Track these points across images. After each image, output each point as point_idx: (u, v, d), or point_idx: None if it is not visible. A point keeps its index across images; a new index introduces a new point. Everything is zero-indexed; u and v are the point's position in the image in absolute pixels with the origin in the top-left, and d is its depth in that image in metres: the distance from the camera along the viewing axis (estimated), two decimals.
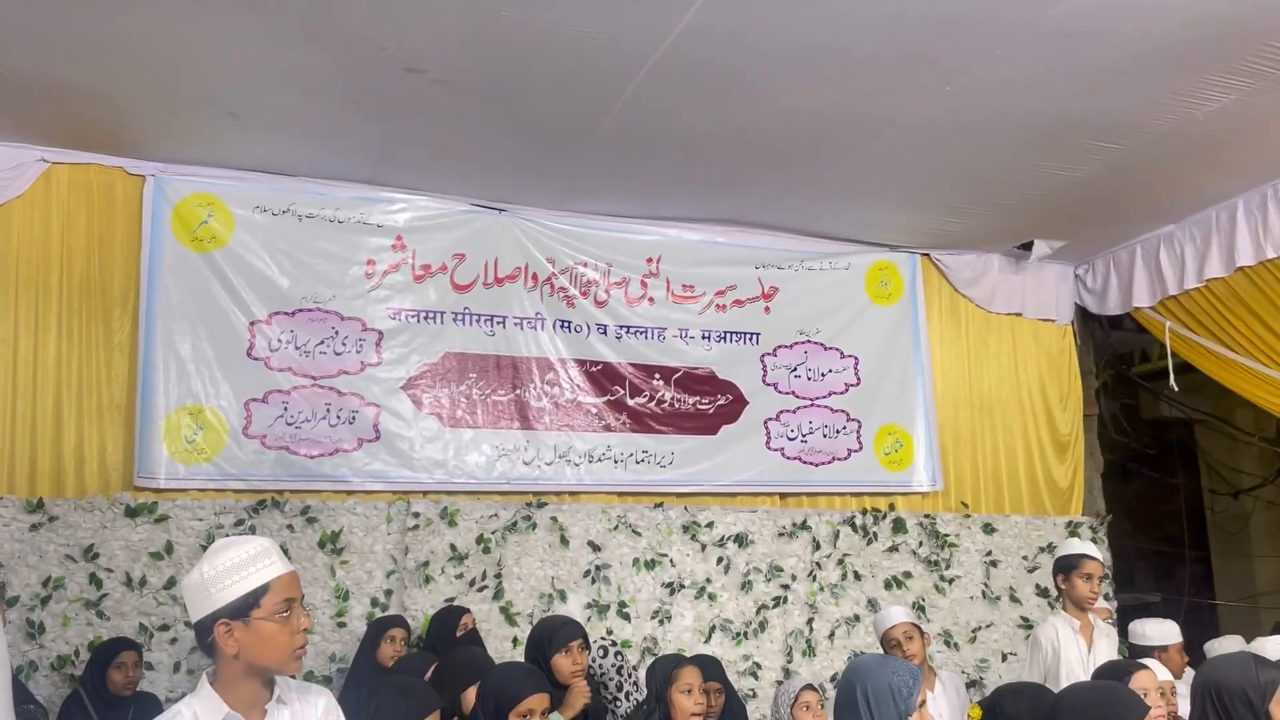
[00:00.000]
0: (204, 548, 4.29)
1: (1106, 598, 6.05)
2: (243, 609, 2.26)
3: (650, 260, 5.65)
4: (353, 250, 5.12)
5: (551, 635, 4.10)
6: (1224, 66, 4.05)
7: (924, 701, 2.80)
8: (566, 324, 5.48)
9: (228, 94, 4.22)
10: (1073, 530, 6.14)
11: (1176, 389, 5.98)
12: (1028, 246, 6.05)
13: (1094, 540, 6.17)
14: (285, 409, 4.89)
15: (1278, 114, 4.42)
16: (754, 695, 5.37)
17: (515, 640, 4.91)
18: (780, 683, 5.28)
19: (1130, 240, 6.01)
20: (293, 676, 2.50)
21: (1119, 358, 7.17)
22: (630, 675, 4.48)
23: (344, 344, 5.04)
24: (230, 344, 4.82)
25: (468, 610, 4.60)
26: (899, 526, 5.87)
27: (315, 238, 5.05)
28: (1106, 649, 4.13)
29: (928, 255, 6.23)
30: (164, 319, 4.70)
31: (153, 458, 4.60)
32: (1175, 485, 8.60)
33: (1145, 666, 3.55)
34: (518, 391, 5.33)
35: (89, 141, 4.61)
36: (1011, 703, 3.37)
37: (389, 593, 4.90)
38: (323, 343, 5.00)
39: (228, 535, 3.82)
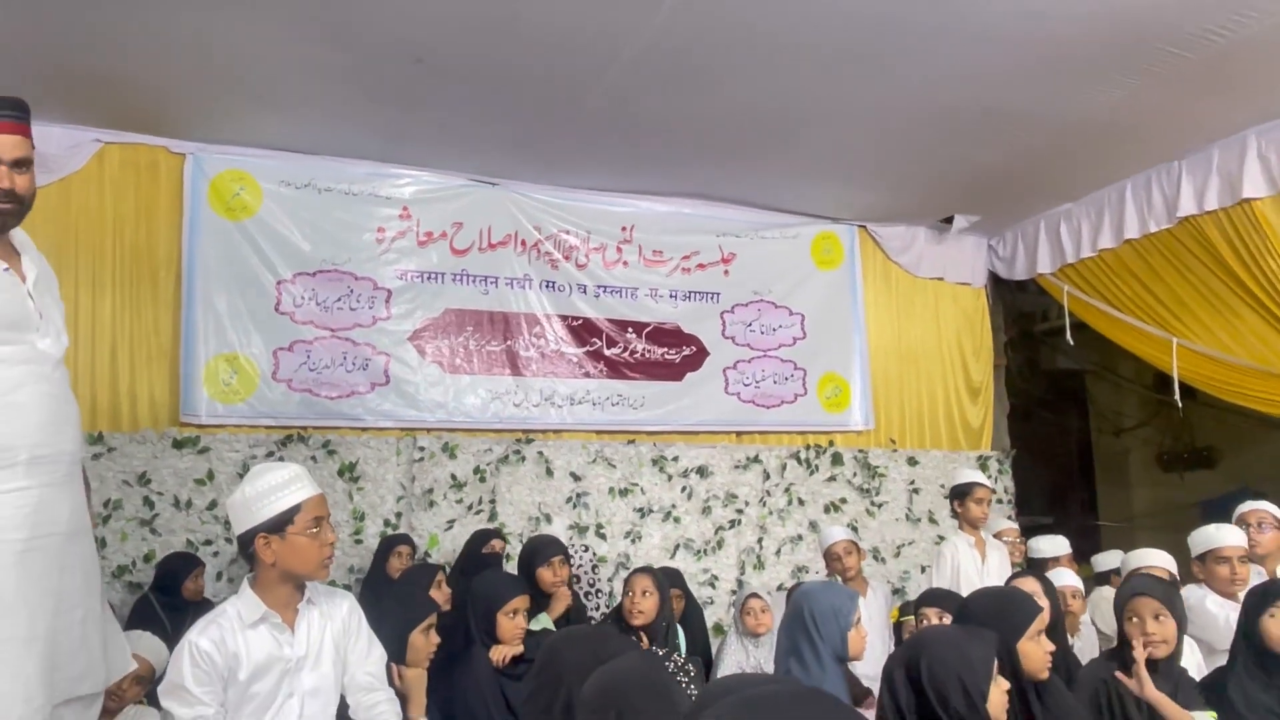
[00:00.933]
0: (240, 475, 4.35)
1: (1010, 518, 6.22)
2: (279, 524, 2.33)
3: (625, 229, 5.68)
4: (365, 219, 5.13)
5: (535, 552, 4.20)
6: (1117, 68, 4.15)
7: (859, 619, 2.91)
8: (551, 284, 5.51)
9: (257, 83, 4.23)
10: (982, 463, 6.29)
11: (1072, 343, 6.09)
12: (949, 220, 6.14)
13: (1000, 471, 6.36)
14: (308, 357, 4.93)
15: (1161, 109, 4.52)
16: (712, 602, 5.51)
17: (507, 556, 4.98)
18: (734, 592, 5.43)
19: (1036, 215, 6.10)
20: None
21: (1024, 317, 7.29)
22: (594, 573, 4.61)
23: (358, 300, 5.07)
24: (260, 300, 4.85)
25: (499, 536, 4.66)
26: (837, 460, 5.99)
27: (333, 208, 5.06)
28: (998, 560, 4.29)
29: (864, 227, 6.29)
30: (203, 279, 4.73)
31: (195, 398, 4.66)
32: (1068, 426, 8.79)
33: (1031, 575, 3.68)
34: (508, 343, 5.37)
35: (137, 124, 4.60)
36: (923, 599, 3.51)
37: (399, 515, 4.98)
38: (340, 299, 5.02)
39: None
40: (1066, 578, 4.18)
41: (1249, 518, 4.06)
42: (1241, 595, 3.79)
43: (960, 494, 4.37)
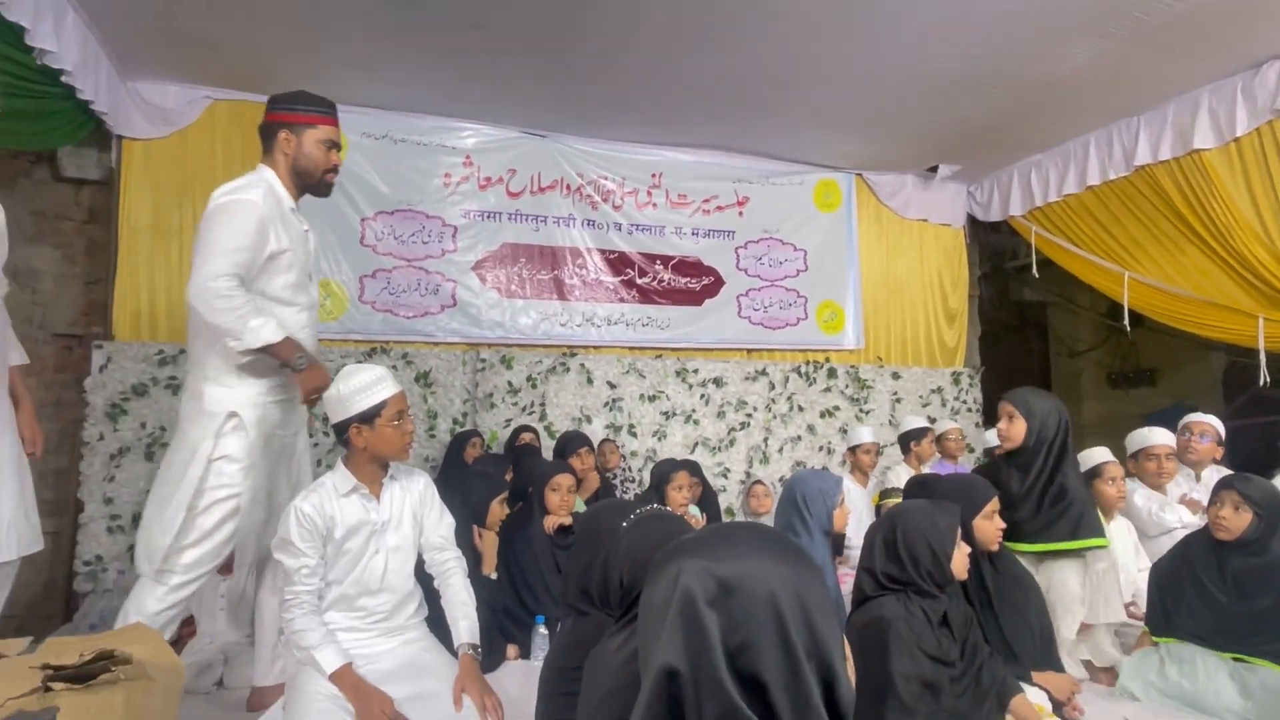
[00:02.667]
0: None
1: (978, 425, 6.21)
2: (369, 416, 2.40)
3: (654, 175, 5.62)
4: (434, 166, 5.11)
5: (566, 445, 4.32)
6: (1085, 31, 4.01)
7: (843, 499, 2.95)
8: (591, 222, 5.48)
9: (342, 46, 4.19)
10: (955, 378, 6.28)
11: (1037, 277, 6.00)
12: (934, 169, 6.01)
13: (970, 385, 6.33)
14: (388, 283, 4.96)
15: (1124, 69, 4.37)
16: (725, 490, 5.58)
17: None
18: (743, 481, 5.50)
19: (1010, 165, 5.95)
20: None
21: (996, 254, 7.15)
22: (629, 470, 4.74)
23: (429, 236, 5.07)
24: (347, 235, 4.87)
25: (530, 429, 4.78)
26: (832, 374, 5.99)
27: (407, 156, 5.03)
28: None
29: (860, 175, 6.17)
30: None
31: None
32: (1030, 348, 8.68)
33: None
34: (555, 272, 5.38)
35: (241, 83, 4.58)
36: (907, 487, 3.55)
37: (465, 415, 5.06)
38: (414, 235, 5.03)
39: None
40: None
41: (1193, 427, 4.02)
42: (1168, 488, 3.82)
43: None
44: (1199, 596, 2.87)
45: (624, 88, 4.66)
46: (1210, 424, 4.00)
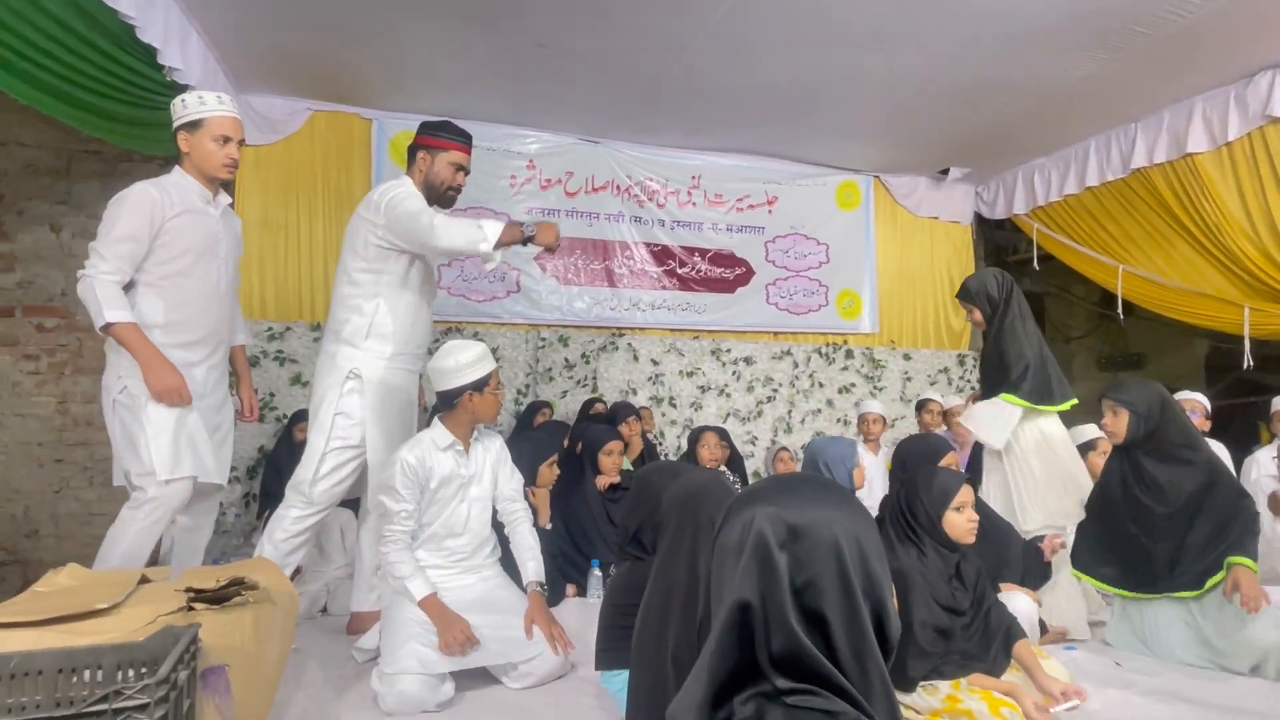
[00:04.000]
0: None
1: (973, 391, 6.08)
2: (480, 385, 2.46)
3: (694, 177, 5.57)
4: (501, 169, 5.11)
5: (616, 413, 4.33)
6: (1089, 45, 3.87)
7: (859, 459, 2.93)
8: (638, 219, 5.45)
9: (423, 64, 4.20)
10: (960, 359, 6.16)
11: (1037, 270, 5.85)
12: (945, 171, 5.88)
13: (975, 366, 6.21)
14: (461, 271, 4.99)
15: (1124, 80, 4.22)
16: (753, 455, 5.57)
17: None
18: (769, 449, 5.48)
19: (1014, 167, 5.79)
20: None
21: (1000, 249, 6.99)
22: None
23: None
24: None
25: (601, 401, 4.81)
26: (849, 355, 5.92)
27: (477, 160, 4.79)
28: None
29: (878, 177, 6.05)
30: None
31: None
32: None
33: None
34: (606, 263, 5.37)
35: (337, 96, 4.62)
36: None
37: (528, 386, 5.09)
38: None
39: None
40: None
41: (1182, 404, 3.90)
42: None
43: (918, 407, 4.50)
44: (1125, 542, 2.70)
45: (668, 100, 4.62)
46: (1198, 400, 3.90)
